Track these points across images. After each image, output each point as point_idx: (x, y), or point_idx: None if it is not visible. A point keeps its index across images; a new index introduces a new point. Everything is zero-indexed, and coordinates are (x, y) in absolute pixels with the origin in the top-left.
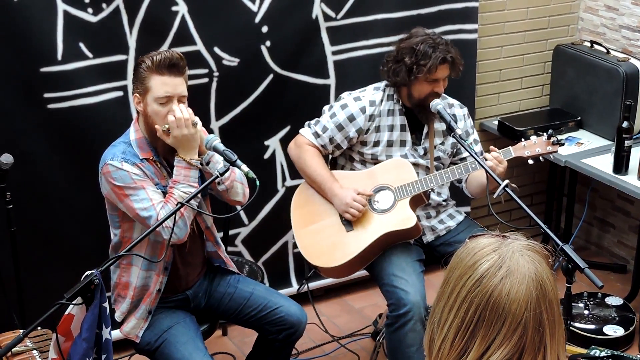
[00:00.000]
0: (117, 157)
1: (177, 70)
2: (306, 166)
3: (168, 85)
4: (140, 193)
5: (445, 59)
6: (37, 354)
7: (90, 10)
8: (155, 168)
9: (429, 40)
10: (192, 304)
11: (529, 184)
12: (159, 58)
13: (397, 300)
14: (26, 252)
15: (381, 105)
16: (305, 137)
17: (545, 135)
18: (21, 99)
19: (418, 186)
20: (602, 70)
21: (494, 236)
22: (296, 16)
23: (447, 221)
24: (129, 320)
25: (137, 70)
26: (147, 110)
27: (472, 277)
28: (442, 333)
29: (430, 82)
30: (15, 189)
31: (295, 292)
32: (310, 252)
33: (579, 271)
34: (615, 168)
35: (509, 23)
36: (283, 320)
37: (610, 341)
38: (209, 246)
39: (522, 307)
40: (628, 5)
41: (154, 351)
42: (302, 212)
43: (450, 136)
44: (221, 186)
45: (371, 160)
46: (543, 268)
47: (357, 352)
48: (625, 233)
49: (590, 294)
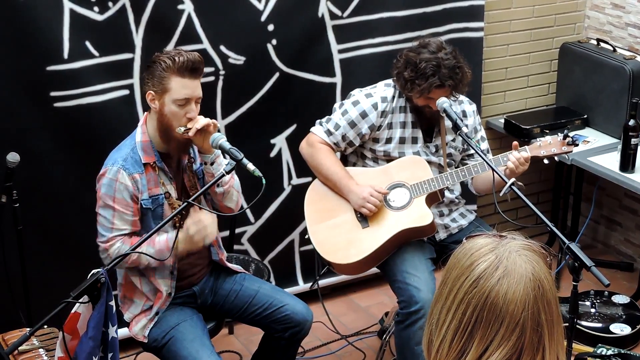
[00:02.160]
0: (117, 164)
1: (198, 73)
2: (320, 165)
3: (188, 88)
4: (108, 212)
5: (442, 85)
6: (44, 353)
7: (96, 9)
8: (154, 175)
9: (434, 61)
10: (199, 300)
11: (536, 182)
12: (181, 60)
13: (409, 298)
14: (32, 251)
15: (393, 101)
16: (317, 135)
17: (560, 135)
18: (27, 97)
19: (434, 184)
20: (608, 69)
21: (491, 236)
22: (302, 14)
23: (459, 220)
24: (139, 320)
25: (154, 67)
26: (164, 110)
27: (469, 278)
28: (440, 334)
29: (426, 99)
30: (22, 188)
31: (302, 290)
32: (325, 248)
33: (585, 269)
34: (622, 166)
35: (515, 21)
36: (288, 318)
37: (617, 339)
38: (213, 254)
39: (519, 308)
40: (634, 3)
41: (160, 348)
42: (316, 207)
43: (457, 134)
44: (219, 189)
45: (383, 157)
46: (541, 267)
47: (363, 350)
48: (632, 231)
49: (597, 292)
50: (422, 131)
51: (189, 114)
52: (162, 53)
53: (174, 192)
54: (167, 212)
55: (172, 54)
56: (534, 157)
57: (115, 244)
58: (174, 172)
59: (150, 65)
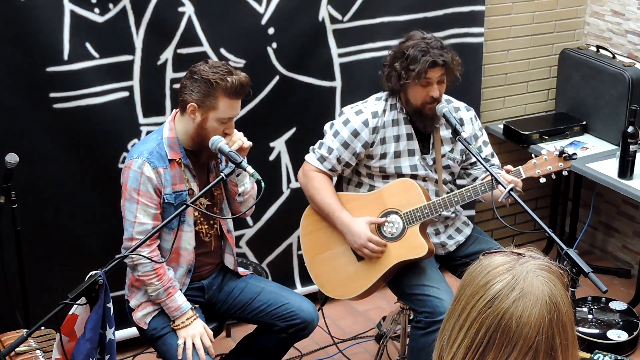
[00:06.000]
0: (142, 156)
1: (243, 94)
2: (313, 195)
3: (234, 109)
4: (132, 206)
5: (435, 62)
6: (41, 354)
7: (96, 11)
8: (179, 171)
9: (421, 44)
10: (207, 295)
11: (534, 187)
12: (235, 84)
13: (434, 308)
14: (30, 252)
15: (384, 115)
16: (311, 164)
17: (556, 150)
18: (27, 98)
19: (427, 211)
20: (607, 75)
21: (509, 254)
22: (303, 18)
23: (455, 236)
24: (145, 307)
25: (201, 82)
26: (206, 124)
27: (484, 297)
28: (451, 351)
29: (424, 86)
30: (21, 189)
31: (300, 293)
32: (323, 283)
33: (583, 275)
34: (620, 173)
35: (515, 27)
36: (294, 314)
37: (614, 346)
38: (227, 260)
39: (534, 331)
40: (634, 10)
41: (157, 339)
42: (311, 238)
43: (456, 140)
44: (239, 197)
45: (379, 173)
46: (558, 290)
47: (360, 354)
48: (630, 238)
49: (594, 299)
50: (418, 142)
51: (227, 130)
52: (207, 66)
53: (197, 189)
54: (191, 209)
55: (222, 71)
56: (530, 177)
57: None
58: (199, 170)
59: (195, 76)
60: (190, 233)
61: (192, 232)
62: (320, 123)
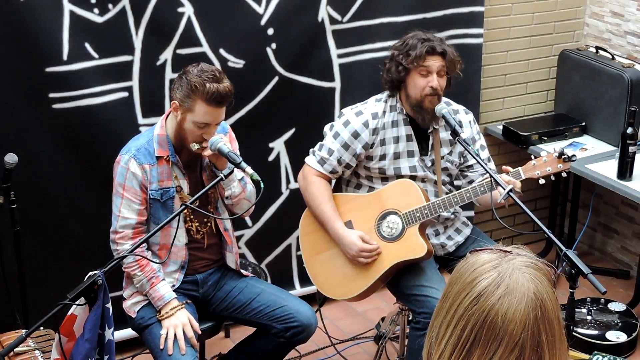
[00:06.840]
0: (130, 153)
1: (224, 104)
2: (309, 202)
3: (211, 115)
4: (117, 200)
5: (434, 48)
6: (40, 354)
7: (96, 11)
8: (167, 168)
9: (421, 34)
10: (201, 290)
11: (533, 188)
12: (212, 91)
13: (432, 309)
14: (29, 252)
15: (384, 117)
16: (311, 166)
17: (556, 152)
18: (26, 98)
19: (426, 212)
20: (607, 76)
21: (495, 251)
22: (302, 19)
23: (454, 237)
24: (135, 297)
25: (185, 82)
26: (184, 124)
27: (470, 294)
28: (439, 349)
29: (424, 76)
30: (20, 189)
31: (299, 294)
32: (322, 283)
33: (582, 276)
34: (620, 174)
35: (514, 28)
36: (292, 317)
37: (613, 347)
38: (229, 259)
39: (519, 328)
40: (633, 12)
41: (144, 327)
42: (310, 238)
43: (455, 140)
44: (228, 201)
45: (378, 174)
46: (544, 286)
47: (359, 355)
48: (629, 239)
49: (593, 300)
50: (417, 144)
51: (205, 135)
52: (197, 69)
53: (187, 186)
54: (178, 206)
55: (207, 76)
56: (529, 179)
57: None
58: (189, 168)
59: (183, 75)
60: (181, 230)
61: (182, 228)
62: (320, 124)
